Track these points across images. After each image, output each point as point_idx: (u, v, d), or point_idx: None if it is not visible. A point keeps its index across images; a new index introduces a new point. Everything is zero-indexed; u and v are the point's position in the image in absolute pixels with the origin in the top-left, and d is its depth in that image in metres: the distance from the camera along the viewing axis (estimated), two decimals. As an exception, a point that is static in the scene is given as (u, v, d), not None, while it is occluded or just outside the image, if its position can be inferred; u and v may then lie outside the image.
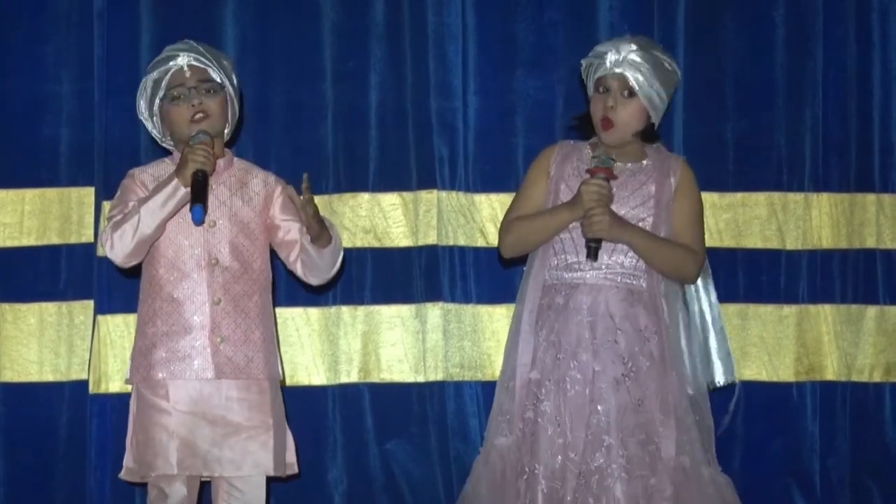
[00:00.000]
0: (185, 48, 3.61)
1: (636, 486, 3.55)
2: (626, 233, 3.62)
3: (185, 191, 3.45)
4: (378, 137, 4.53)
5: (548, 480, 3.57)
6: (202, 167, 3.44)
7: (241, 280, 3.57)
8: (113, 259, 3.55)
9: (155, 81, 3.60)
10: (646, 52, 3.66)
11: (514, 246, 3.77)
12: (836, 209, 4.59)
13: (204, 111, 3.55)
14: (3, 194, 4.46)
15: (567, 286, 3.68)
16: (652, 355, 3.64)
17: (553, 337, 3.66)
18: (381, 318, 4.53)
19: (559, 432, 3.59)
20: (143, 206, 3.48)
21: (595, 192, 3.59)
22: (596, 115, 3.70)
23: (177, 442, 3.49)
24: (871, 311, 4.60)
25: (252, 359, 3.55)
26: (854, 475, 4.56)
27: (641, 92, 3.65)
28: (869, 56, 4.59)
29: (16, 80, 4.44)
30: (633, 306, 3.66)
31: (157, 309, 3.55)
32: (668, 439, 3.60)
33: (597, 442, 3.56)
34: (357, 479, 4.49)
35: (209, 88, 3.57)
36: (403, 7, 4.50)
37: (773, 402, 4.57)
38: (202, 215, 3.43)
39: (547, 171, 3.76)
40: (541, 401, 3.62)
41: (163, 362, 3.51)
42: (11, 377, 4.45)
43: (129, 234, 3.48)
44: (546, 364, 3.64)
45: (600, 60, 3.68)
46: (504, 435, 3.67)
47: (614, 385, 3.59)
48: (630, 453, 3.56)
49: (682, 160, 3.80)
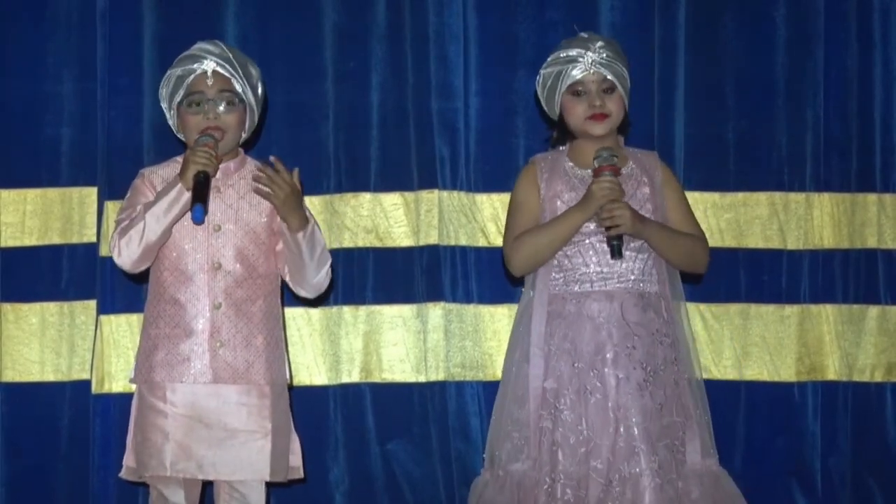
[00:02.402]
0: (214, 51, 3.56)
1: (669, 491, 3.54)
2: (646, 226, 3.60)
3: (188, 195, 3.45)
4: (379, 137, 4.53)
5: (572, 490, 3.55)
6: (204, 168, 3.44)
7: (244, 284, 3.56)
8: (122, 266, 3.54)
9: (178, 78, 3.57)
10: (610, 45, 3.69)
11: (526, 261, 3.69)
12: (837, 209, 4.59)
13: (220, 128, 3.53)
14: (5, 194, 4.47)
15: (577, 295, 3.66)
16: (666, 359, 3.64)
17: (567, 345, 3.62)
18: (383, 317, 4.53)
19: (581, 441, 3.57)
20: (147, 211, 3.47)
21: (607, 187, 3.57)
22: (579, 117, 3.68)
23: (172, 444, 3.49)
24: (873, 310, 4.59)
25: (253, 364, 3.54)
26: (855, 475, 4.56)
27: (619, 83, 3.67)
28: (870, 56, 4.59)
29: (17, 80, 4.45)
30: (646, 311, 3.64)
31: (161, 311, 3.55)
32: (692, 443, 3.61)
33: (629, 449, 3.54)
34: (358, 479, 4.49)
35: (229, 100, 3.54)
36: (404, 7, 4.50)
37: (775, 401, 4.57)
38: (202, 215, 3.42)
39: (536, 188, 3.72)
40: (560, 410, 3.59)
41: (163, 364, 3.52)
42: (13, 377, 4.46)
43: (135, 240, 3.48)
44: (563, 373, 3.61)
45: (573, 64, 3.65)
46: (520, 461, 3.63)
47: (638, 391, 3.57)
48: (661, 459, 3.55)
49: (655, 154, 3.81)
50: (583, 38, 3.70)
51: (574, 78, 3.66)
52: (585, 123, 3.68)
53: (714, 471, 3.64)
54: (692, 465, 3.61)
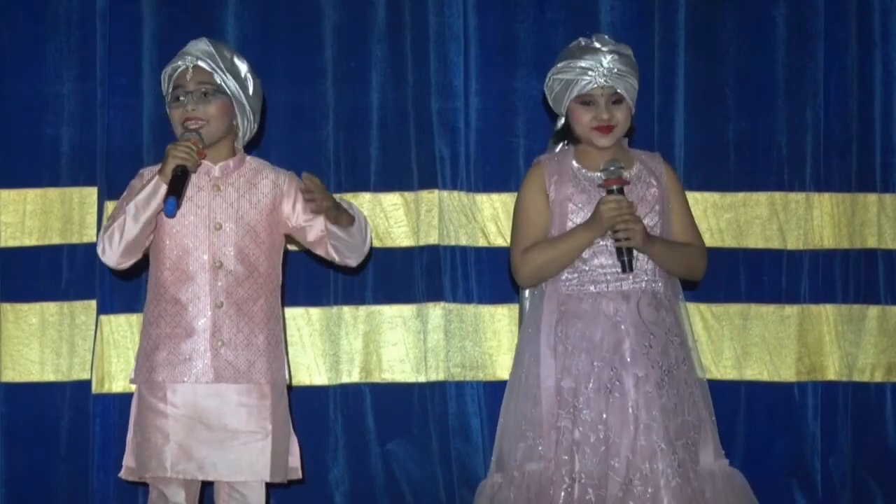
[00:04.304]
0: (198, 47, 3.59)
1: (687, 490, 3.54)
2: (654, 244, 3.61)
3: (164, 188, 3.45)
4: (379, 137, 4.53)
5: (594, 489, 3.54)
6: (182, 162, 3.44)
7: (245, 283, 3.56)
8: (106, 262, 3.54)
9: (167, 76, 3.61)
10: (621, 56, 3.65)
11: (532, 277, 3.69)
12: (837, 209, 4.59)
13: (196, 118, 3.54)
14: (5, 194, 4.47)
15: (593, 294, 3.65)
16: (678, 358, 3.64)
17: (584, 343, 3.61)
18: (383, 317, 4.53)
19: (601, 440, 3.56)
20: (127, 206, 3.48)
21: (614, 207, 3.57)
22: (585, 126, 3.67)
23: (172, 445, 3.49)
24: (873, 310, 4.60)
25: (254, 363, 3.55)
26: (855, 475, 4.56)
27: (628, 96, 3.66)
28: (870, 56, 4.59)
29: (17, 80, 4.45)
30: (659, 310, 3.64)
31: (162, 311, 3.55)
32: (706, 444, 3.62)
33: (650, 448, 3.53)
34: (358, 479, 4.50)
35: (206, 91, 3.55)
36: (405, 7, 4.50)
37: (775, 401, 4.57)
38: (174, 208, 3.42)
39: (544, 191, 3.70)
40: (579, 409, 3.58)
41: (164, 364, 3.51)
42: (13, 377, 4.46)
43: (116, 236, 3.48)
44: (581, 372, 3.60)
45: (583, 77, 3.63)
46: (535, 460, 3.62)
47: (657, 390, 3.57)
48: (680, 458, 3.55)
49: (659, 156, 3.80)
50: (594, 48, 3.66)
51: (583, 90, 3.65)
52: (591, 133, 3.67)
53: (727, 471, 3.65)
54: (705, 464, 3.61)
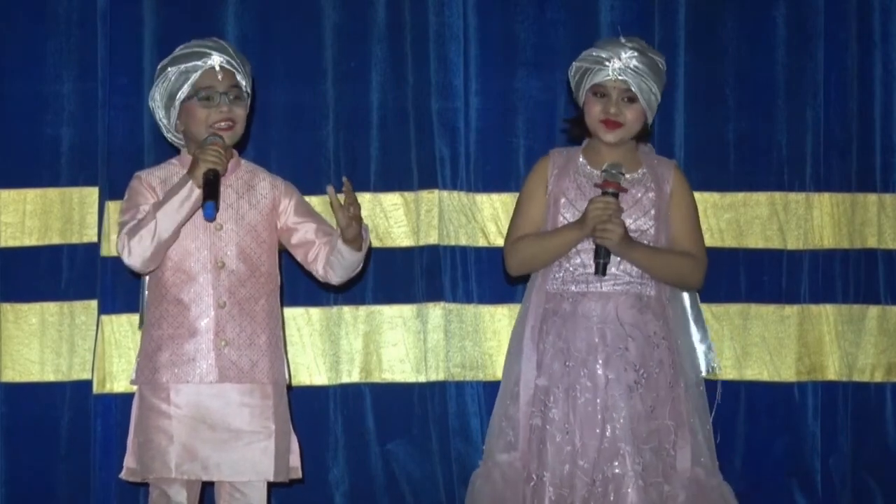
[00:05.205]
0: (216, 47, 3.57)
1: (652, 494, 3.54)
2: (634, 250, 3.61)
3: (199, 192, 3.44)
4: (379, 138, 4.53)
5: (556, 488, 3.56)
6: (214, 167, 3.44)
7: (247, 283, 3.56)
8: (131, 265, 3.51)
9: (181, 74, 3.56)
10: (644, 56, 3.66)
11: (520, 267, 3.75)
12: (837, 209, 4.59)
13: (232, 119, 3.55)
14: (5, 194, 4.46)
15: (574, 294, 3.67)
16: (661, 362, 3.64)
17: (561, 343, 3.64)
18: (383, 318, 4.53)
19: (567, 440, 3.58)
20: (158, 210, 3.45)
21: (601, 208, 3.57)
22: (594, 118, 3.69)
23: (176, 446, 3.49)
24: (873, 310, 4.59)
25: (257, 363, 3.55)
26: (855, 475, 4.56)
27: (642, 97, 3.66)
28: (870, 56, 4.59)
29: (18, 80, 4.45)
30: (643, 313, 3.65)
31: (164, 312, 3.54)
32: (682, 450, 3.61)
33: (613, 450, 3.55)
34: (358, 480, 4.50)
35: (237, 95, 3.56)
36: (405, 7, 4.50)
37: (775, 401, 4.57)
38: (214, 212, 3.42)
39: (545, 184, 3.74)
40: (549, 408, 3.60)
41: (167, 365, 3.51)
42: (13, 377, 4.46)
43: (146, 239, 3.46)
44: (554, 371, 3.63)
45: (599, 66, 3.65)
46: (507, 451, 3.66)
47: (627, 393, 3.58)
48: (645, 461, 3.56)
49: (674, 164, 3.80)
50: (617, 42, 3.68)
51: (597, 80, 3.66)
52: (598, 126, 3.68)
53: (701, 480, 3.63)
54: (682, 470, 3.61)
